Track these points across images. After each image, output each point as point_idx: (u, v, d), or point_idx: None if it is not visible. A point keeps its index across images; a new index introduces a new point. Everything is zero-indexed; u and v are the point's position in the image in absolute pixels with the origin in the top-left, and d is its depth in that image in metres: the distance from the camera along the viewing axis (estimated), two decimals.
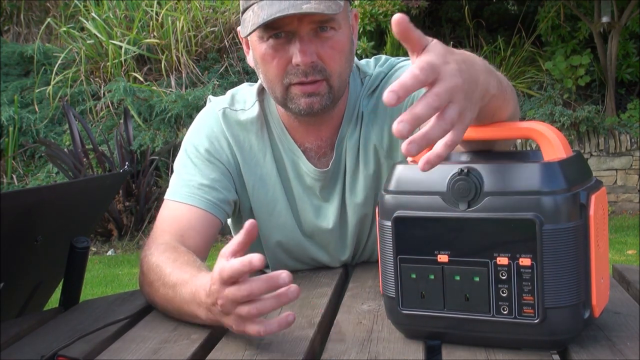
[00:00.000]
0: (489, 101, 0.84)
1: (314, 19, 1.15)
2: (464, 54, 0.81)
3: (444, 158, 0.76)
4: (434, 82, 0.74)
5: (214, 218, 1.26)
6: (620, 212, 5.83)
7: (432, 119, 0.74)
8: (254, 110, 1.33)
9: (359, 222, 1.33)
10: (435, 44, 0.77)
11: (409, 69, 0.74)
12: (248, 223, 0.90)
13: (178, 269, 1.07)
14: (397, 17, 0.74)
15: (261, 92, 1.35)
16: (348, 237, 1.35)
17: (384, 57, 1.37)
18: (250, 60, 1.28)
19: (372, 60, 1.37)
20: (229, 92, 1.38)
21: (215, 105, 1.36)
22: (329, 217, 1.33)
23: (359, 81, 1.33)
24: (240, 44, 1.27)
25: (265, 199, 1.33)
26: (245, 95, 1.36)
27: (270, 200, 1.33)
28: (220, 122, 1.32)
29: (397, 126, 0.71)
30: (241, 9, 1.21)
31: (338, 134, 1.31)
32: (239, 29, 1.27)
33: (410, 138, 0.73)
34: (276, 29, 1.16)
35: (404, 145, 0.73)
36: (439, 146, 0.76)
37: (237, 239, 0.91)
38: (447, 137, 0.76)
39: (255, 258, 0.86)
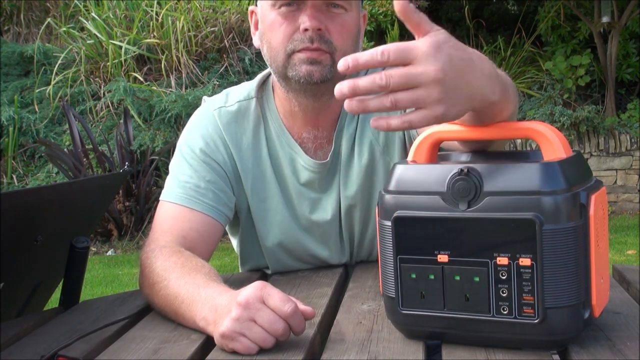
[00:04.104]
0: (490, 106, 0.84)
1: None
2: (474, 55, 0.81)
3: (392, 129, 0.80)
4: (405, 65, 0.76)
5: (212, 220, 1.26)
6: (620, 212, 5.83)
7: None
8: (249, 105, 1.33)
9: (348, 213, 1.34)
10: (439, 32, 0.78)
11: (377, 48, 0.77)
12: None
13: (187, 275, 1.07)
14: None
15: (260, 88, 1.35)
16: (343, 229, 1.36)
17: None
18: (256, 40, 1.30)
19: None
20: (224, 91, 1.38)
21: (210, 104, 1.35)
22: (327, 209, 1.33)
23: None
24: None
25: (262, 197, 1.33)
26: (240, 90, 1.36)
27: (266, 197, 1.33)
28: (215, 122, 1.32)
29: (337, 86, 0.78)
30: None
31: (336, 125, 1.32)
32: (250, 8, 1.30)
33: (345, 82, 0.79)
34: None
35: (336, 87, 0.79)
36: (394, 117, 0.80)
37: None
38: (407, 115, 0.78)
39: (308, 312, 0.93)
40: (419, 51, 0.76)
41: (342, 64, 0.78)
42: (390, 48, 0.76)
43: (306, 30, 1.17)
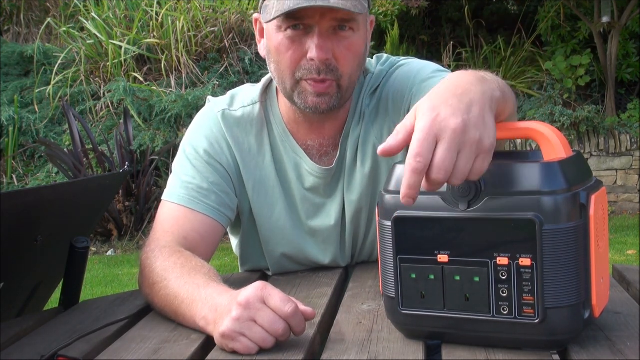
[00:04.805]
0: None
1: (336, 16, 1.14)
2: (453, 81, 0.85)
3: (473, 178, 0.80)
4: (437, 144, 0.76)
5: (214, 222, 1.26)
6: (620, 212, 5.83)
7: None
8: (253, 110, 1.33)
9: (354, 218, 1.33)
10: (419, 107, 0.80)
11: (406, 165, 0.77)
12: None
13: (187, 275, 1.07)
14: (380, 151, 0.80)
15: (264, 92, 1.34)
16: (347, 234, 1.35)
17: (385, 55, 1.37)
18: (261, 48, 1.28)
19: (374, 58, 1.37)
20: (229, 93, 1.37)
21: (214, 106, 1.35)
22: (331, 214, 1.33)
23: (363, 79, 1.33)
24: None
25: (265, 202, 1.32)
26: (244, 95, 1.36)
27: (269, 202, 1.32)
28: (219, 124, 1.32)
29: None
30: None
31: (342, 132, 1.31)
32: (254, 15, 1.27)
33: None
34: (297, 20, 1.15)
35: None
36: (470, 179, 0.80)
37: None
38: (476, 165, 0.78)
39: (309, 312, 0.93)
40: (433, 126, 0.77)
41: (409, 202, 0.79)
42: (418, 151, 0.76)
43: (313, 60, 1.16)
